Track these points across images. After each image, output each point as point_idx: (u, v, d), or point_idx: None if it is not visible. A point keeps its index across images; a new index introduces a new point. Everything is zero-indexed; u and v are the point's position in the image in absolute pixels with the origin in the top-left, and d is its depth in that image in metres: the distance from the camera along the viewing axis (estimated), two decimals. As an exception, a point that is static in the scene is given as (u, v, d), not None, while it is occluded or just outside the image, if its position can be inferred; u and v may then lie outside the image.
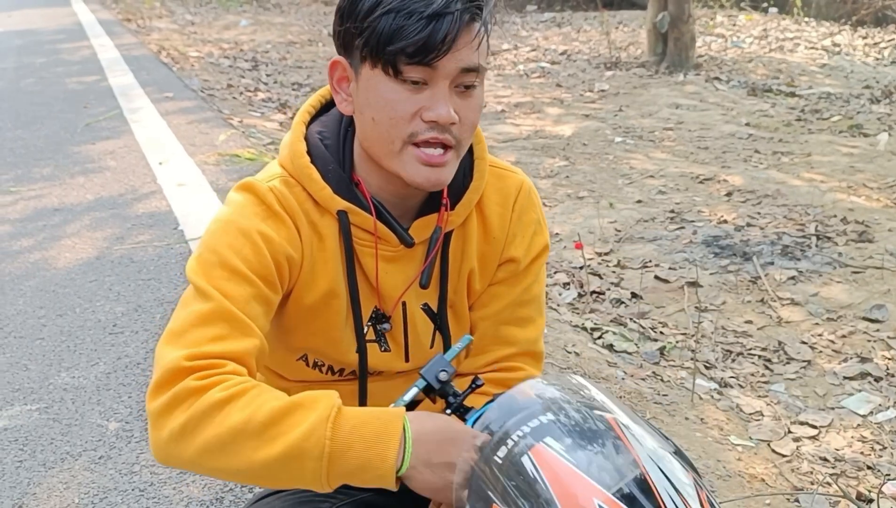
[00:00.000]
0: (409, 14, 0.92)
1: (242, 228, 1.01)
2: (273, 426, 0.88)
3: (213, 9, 11.89)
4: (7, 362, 2.34)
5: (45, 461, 1.89)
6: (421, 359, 1.16)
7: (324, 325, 1.10)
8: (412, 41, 0.92)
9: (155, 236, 3.25)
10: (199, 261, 1.00)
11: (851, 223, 3.55)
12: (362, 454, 0.87)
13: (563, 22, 10.42)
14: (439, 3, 0.92)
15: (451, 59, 0.94)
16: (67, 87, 6.28)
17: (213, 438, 0.88)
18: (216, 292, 0.96)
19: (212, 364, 0.93)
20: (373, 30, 0.94)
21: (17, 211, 3.58)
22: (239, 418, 0.88)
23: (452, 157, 1.00)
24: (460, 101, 0.98)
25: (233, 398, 0.89)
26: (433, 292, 1.14)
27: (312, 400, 0.90)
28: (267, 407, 0.89)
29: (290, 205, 1.04)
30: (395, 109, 0.96)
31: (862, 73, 7.01)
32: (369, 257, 1.08)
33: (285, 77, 6.93)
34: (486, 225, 1.13)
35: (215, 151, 4.32)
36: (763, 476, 1.95)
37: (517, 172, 1.17)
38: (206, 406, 0.89)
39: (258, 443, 0.88)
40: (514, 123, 5.60)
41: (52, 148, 4.58)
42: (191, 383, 0.90)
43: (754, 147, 4.90)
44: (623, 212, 3.81)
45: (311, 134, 1.09)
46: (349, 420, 0.89)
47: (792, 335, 2.67)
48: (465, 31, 0.94)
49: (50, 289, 2.80)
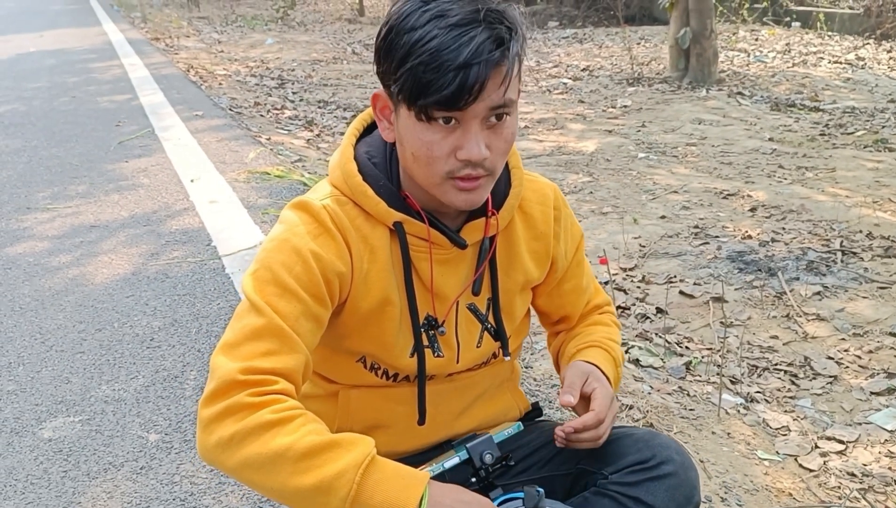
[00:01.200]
0: (438, 67, 0.96)
1: (295, 246, 1.07)
2: (311, 458, 0.95)
3: (239, 27, 12.09)
4: (50, 375, 2.42)
5: (88, 471, 1.96)
6: (470, 359, 1.24)
7: (378, 331, 1.16)
8: (442, 95, 0.97)
9: (189, 252, 3.33)
10: (253, 277, 1.07)
11: (877, 239, 3.55)
12: (380, 505, 0.95)
13: (584, 38, 10.47)
14: (468, 54, 0.96)
15: (481, 102, 1.00)
16: (100, 105, 6.42)
17: (256, 455, 0.96)
18: (268, 307, 1.03)
19: (264, 381, 0.99)
20: (405, 80, 0.99)
21: (54, 228, 3.69)
22: (283, 442, 0.95)
23: (487, 181, 1.07)
24: (492, 133, 1.04)
25: (281, 423, 0.97)
26: (483, 293, 1.22)
27: (350, 442, 0.98)
28: (308, 439, 0.96)
29: (341, 222, 1.11)
30: (432, 149, 1.02)
31: (887, 87, 6.99)
32: (424, 261, 1.15)
33: (311, 95, 7.04)
34: (530, 222, 1.24)
35: (245, 169, 4.41)
36: (791, 491, 1.97)
37: (546, 180, 1.29)
38: (256, 425, 0.96)
39: (294, 470, 0.95)
40: (536, 139, 5.65)
41: (86, 166, 4.70)
42: (245, 398, 0.97)
43: (778, 162, 4.90)
44: (647, 228, 3.83)
45: (359, 154, 1.16)
46: (378, 471, 0.97)
47: (818, 350, 2.69)
48: (493, 75, 0.99)
49: (89, 304, 2.89)
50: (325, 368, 1.25)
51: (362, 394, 1.24)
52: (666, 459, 1.15)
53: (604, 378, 1.22)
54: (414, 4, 1.01)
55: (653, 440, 1.18)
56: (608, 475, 1.18)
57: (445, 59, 0.96)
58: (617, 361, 1.29)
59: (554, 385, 2.34)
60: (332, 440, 0.97)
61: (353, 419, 1.24)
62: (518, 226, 1.23)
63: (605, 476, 1.18)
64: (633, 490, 1.14)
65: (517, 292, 1.25)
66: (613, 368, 1.27)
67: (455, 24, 0.97)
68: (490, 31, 0.97)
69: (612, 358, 1.28)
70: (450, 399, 1.25)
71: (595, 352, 1.28)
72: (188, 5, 15.17)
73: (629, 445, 1.18)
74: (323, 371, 1.26)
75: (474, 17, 0.98)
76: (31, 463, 2.00)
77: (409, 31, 0.99)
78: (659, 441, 1.18)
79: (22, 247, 3.48)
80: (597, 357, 1.26)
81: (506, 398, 1.35)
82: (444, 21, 0.97)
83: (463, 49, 0.96)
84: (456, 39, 0.96)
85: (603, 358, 1.26)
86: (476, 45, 0.96)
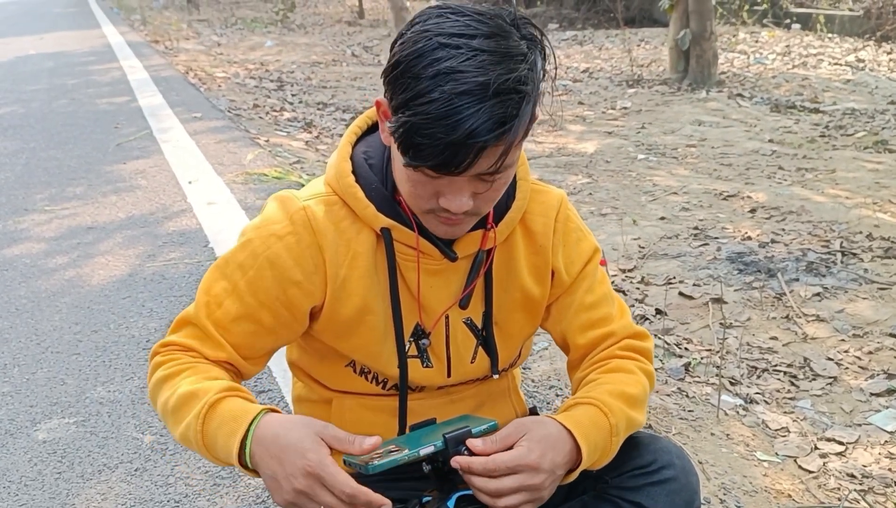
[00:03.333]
0: (431, 136, 0.89)
1: (254, 250, 1.09)
2: (177, 412, 1.04)
3: (238, 30, 12.09)
4: (45, 376, 2.40)
5: (83, 472, 1.95)
6: (462, 374, 1.19)
7: (360, 341, 1.14)
8: (427, 163, 0.92)
9: (186, 253, 3.32)
10: (215, 266, 1.13)
11: (877, 240, 3.53)
12: (223, 448, 0.99)
13: (584, 40, 10.47)
14: (461, 133, 0.88)
15: (471, 172, 0.94)
16: (98, 107, 6.42)
17: (159, 412, 1.09)
18: (204, 308, 1.10)
19: (171, 347, 1.12)
20: (397, 127, 0.92)
21: (51, 229, 3.68)
22: (164, 398, 1.06)
23: (471, 220, 1.05)
24: (483, 185, 0.97)
25: (168, 378, 1.07)
26: (477, 307, 1.17)
27: (204, 390, 1.03)
28: (179, 391, 1.04)
29: (317, 225, 1.08)
30: (416, 188, 0.99)
31: (887, 88, 6.98)
32: (413, 270, 1.11)
33: (310, 97, 7.03)
34: (531, 237, 1.17)
35: (243, 171, 4.40)
36: (790, 492, 1.95)
37: (556, 189, 1.21)
38: (153, 385, 1.10)
39: (173, 422, 1.05)
40: (536, 140, 5.64)
41: (84, 168, 4.70)
42: (153, 362, 1.12)
43: (778, 163, 4.89)
44: (646, 229, 3.82)
45: (356, 154, 1.13)
46: (217, 417, 1.00)
47: (818, 351, 2.67)
48: (488, 153, 0.92)
49: (85, 306, 2.88)
50: (317, 372, 1.23)
51: (356, 405, 1.21)
52: (667, 463, 1.13)
53: (562, 444, 1.02)
54: (429, 44, 0.90)
55: (653, 444, 1.16)
56: (608, 479, 1.15)
57: (438, 131, 0.88)
58: (613, 429, 1.06)
59: (552, 387, 2.33)
60: (191, 391, 1.03)
61: (347, 430, 1.22)
62: (519, 240, 1.16)
63: (604, 481, 1.16)
64: (634, 494, 1.12)
65: (516, 309, 1.18)
66: (599, 435, 1.06)
67: (459, 93, 0.87)
68: (496, 107, 0.88)
69: (604, 425, 1.06)
70: (445, 414, 1.18)
71: (581, 412, 1.07)
72: (188, 8, 15.17)
73: (630, 449, 1.15)
74: (315, 376, 1.24)
75: (482, 88, 0.88)
76: (26, 465, 1.99)
77: (414, 79, 0.90)
78: (660, 446, 1.16)
79: (19, 249, 3.47)
80: (577, 419, 1.05)
81: (505, 408, 1.30)
82: (448, 84, 0.88)
83: (459, 126, 0.87)
84: (455, 112, 0.87)
85: (587, 422, 1.05)
86: (474, 126, 0.87)
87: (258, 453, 0.96)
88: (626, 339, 1.18)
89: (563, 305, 1.19)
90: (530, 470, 0.98)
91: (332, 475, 0.92)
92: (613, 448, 1.08)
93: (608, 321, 1.18)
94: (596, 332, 1.18)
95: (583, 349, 1.19)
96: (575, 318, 1.18)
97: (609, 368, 1.15)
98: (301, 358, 1.25)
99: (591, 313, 1.18)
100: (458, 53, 0.89)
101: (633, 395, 1.11)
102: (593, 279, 1.19)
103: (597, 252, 1.20)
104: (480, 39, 0.90)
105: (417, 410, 1.20)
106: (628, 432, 1.11)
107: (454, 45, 0.90)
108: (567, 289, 1.18)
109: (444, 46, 0.90)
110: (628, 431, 1.11)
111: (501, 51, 0.90)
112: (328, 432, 0.96)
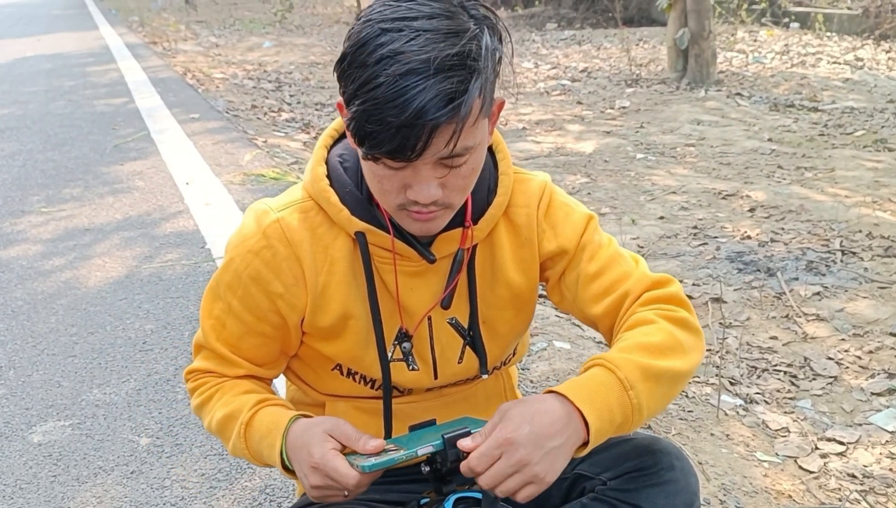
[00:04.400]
0: (380, 121, 0.88)
1: (236, 270, 1.11)
2: (221, 433, 1.15)
3: (237, 31, 12.09)
4: (41, 379, 2.39)
5: (78, 475, 1.93)
6: (450, 375, 1.18)
7: (344, 346, 1.13)
8: (382, 151, 0.91)
9: (183, 254, 3.30)
10: (208, 289, 1.17)
11: (877, 238, 3.52)
12: (269, 458, 1.07)
13: (583, 40, 10.46)
14: (410, 113, 0.86)
15: (428, 155, 0.91)
16: (96, 109, 6.41)
17: (208, 430, 1.18)
18: (212, 332, 1.16)
19: (198, 373, 1.20)
20: (350, 119, 0.92)
21: (48, 231, 3.66)
22: (206, 423, 1.17)
23: (444, 213, 1.01)
24: (448, 171, 0.96)
25: (202, 405, 1.17)
26: (463, 307, 1.15)
27: (238, 410, 1.11)
28: (217, 416, 1.13)
29: (292, 236, 1.08)
30: (382, 183, 0.97)
31: (886, 87, 6.97)
32: (391, 273, 1.10)
33: (308, 97, 7.02)
34: (515, 230, 1.14)
35: (241, 171, 4.38)
36: (790, 493, 1.94)
37: (539, 175, 1.18)
38: (193, 409, 1.20)
39: (223, 440, 1.15)
40: (535, 140, 5.63)
41: (81, 169, 4.68)
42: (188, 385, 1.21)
43: (777, 162, 4.88)
44: (645, 228, 3.81)
45: (332, 158, 1.11)
46: (255, 432, 1.09)
47: (818, 350, 2.66)
48: (440, 133, 0.90)
49: (81, 307, 2.86)
50: (307, 376, 1.23)
51: (348, 408, 1.21)
52: (666, 465, 1.11)
53: (545, 414, 0.94)
54: (372, 31, 0.90)
55: (653, 445, 1.14)
56: (606, 480, 1.14)
57: (387, 114, 0.87)
58: (624, 382, 0.97)
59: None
60: (227, 414, 1.12)
61: None
62: (502, 235, 1.13)
63: (603, 482, 1.14)
64: (633, 496, 1.11)
65: (503, 306, 1.16)
66: (609, 394, 0.97)
67: (403, 74, 0.86)
68: (443, 84, 0.87)
69: (610, 381, 0.97)
70: (442, 416, 1.16)
71: (581, 377, 1.00)
72: (186, 9, 15.17)
73: (629, 450, 1.14)
74: (305, 379, 1.23)
75: (426, 65, 0.86)
76: (21, 468, 1.97)
77: (360, 68, 0.89)
78: (659, 447, 1.14)
79: (15, 250, 3.46)
80: (573, 384, 0.98)
81: None
82: (393, 66, 0.87)
83: (407, 106, 0.86)
84: (401, 93, 0.86)
85: (587, 384, 0.98)
86: (421, 104, 0.86)
87: (292, 459, 1.04)
88: (644, 293, 1.10)
89: (570, 281, 1.14)
90: (507, 446, 0.92)
91: (335, 468, 0.97)
92: (642, 403, 0.97)
93: (621, 282, 1.11)
94: (610, 298, 1.10)
95: (605, 319, 1.12)
96: (585, 291, 1.12)
97: (627, 326, 1.07)
98: (291, 363, 1.24)
99: (601, 281, 1.11)
100: (401, 36, 0.88)
101: (652, 343, 1.02)
102: (595, 247, 1.14)
103: (591, 219, 1.15)
104: (423, 21, 0.90)
105: (411, 412, 1.19)
106: (658, 382, 0.99)
107: (396, 29, 0.89)
108: (569, 264, 1.14)
109: (385, 32, 0.89)
110: (658, 381, 0.99)
111: (444, 29, 0.89)
112: (339, 429, 1.01)
